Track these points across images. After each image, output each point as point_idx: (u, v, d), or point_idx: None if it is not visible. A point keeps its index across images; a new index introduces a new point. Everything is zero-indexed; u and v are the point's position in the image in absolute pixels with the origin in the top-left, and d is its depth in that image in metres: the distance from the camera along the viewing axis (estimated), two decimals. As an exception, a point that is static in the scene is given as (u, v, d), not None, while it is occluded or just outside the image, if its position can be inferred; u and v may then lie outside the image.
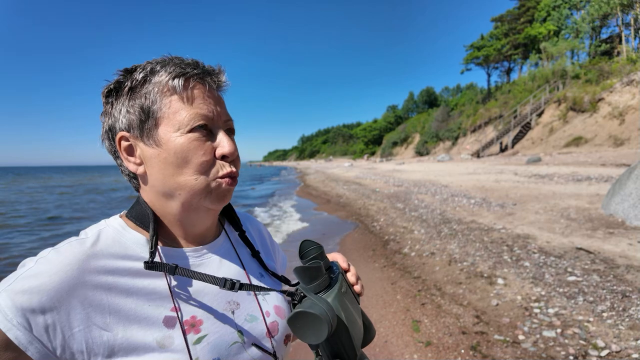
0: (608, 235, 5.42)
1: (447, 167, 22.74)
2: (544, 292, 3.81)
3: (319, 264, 0.57)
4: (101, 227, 0.63)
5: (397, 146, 60.13)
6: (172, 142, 0.61)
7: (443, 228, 7.05)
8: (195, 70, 0.63)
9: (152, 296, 0.59)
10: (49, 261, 0.54)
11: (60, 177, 61.43)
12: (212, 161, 0.63)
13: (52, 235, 9.84)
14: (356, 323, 0.58)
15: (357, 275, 0.71)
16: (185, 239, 0.68)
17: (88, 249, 0.57)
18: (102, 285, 0.55)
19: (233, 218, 0.79)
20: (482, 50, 41.37)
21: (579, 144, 20.95)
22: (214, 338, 0.61)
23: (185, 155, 0.60)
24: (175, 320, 0.59)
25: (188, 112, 0.61)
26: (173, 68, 0.63)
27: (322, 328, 0.49)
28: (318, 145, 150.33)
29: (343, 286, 0.59)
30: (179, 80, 0.62)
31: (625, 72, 22.80)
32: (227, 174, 0.64)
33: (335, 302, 0.54)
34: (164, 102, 0.62)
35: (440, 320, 3.48)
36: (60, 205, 17.42)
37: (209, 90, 0.65)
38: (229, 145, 0.63)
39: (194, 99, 0.62)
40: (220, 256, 0.71)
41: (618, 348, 2.76)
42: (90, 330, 0.53)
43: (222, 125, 0.66)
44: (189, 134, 0.61)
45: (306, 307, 0.50)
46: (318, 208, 12.20)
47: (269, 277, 0.77)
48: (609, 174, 11.05)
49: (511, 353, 2.85)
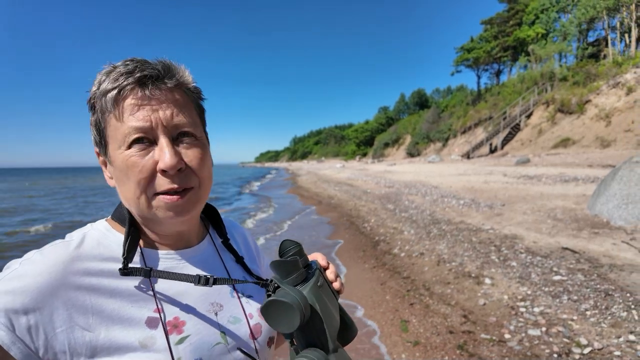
0: (593, 235, 5.52)
1: (438, 168, 22.90)
2: (530, 291, 3.88)
3: (295, 259, 0.58)
4: (86, 230, 0.64)
5: (389, 147, 60.36)
6: (116, 159, 0.60)
7: (432, 229, 7.11)
8: (129, 80, 0.59)
9: (135, 297, 0.59)
10: (34, 263, 0.55)
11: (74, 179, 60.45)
12: (150, 177, 0.59)
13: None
14: (332, 315, 0.58)
15: (337, 273, 0.71)
16: (166, 243, 0.68)
17: (72, 251, 0.58)
18: (85, 286, 0.56)
19: (218, 224, 0.79)
20: (472, 52, 41.77)
21: (567, 145, 21.26)
22: (196, 339, 0.61)
23: (125, 173, 0.60)
24: (157, 321, 0.59)
25: (122, 128, 0.59)
26: (106, 81, 0.60)
27: (294, 316, 0.50)
28: (310, 146, 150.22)
29: (319, 281, 0.60)
30: (111, 95, 0.59)
31: (612, 74, 23.22)
32: (166, 191, 0.60)
33: (309, 294, 0.55)
34: (105, 120, 0.61)
35: (429, 320, 3.52)
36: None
37: (148, 97, 0.60)
38: (169, 157, 0.58)
39: (128, 112, 0.59)
40: (204, 260, 0.71)
41: (600, 345, 2.82)
42: (73, 330, 0.54)
43: (167, 131, 0.61)
44: (127, 151, 0.59)
45: (279, 296, 0.51)
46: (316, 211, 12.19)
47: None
48: (595, 175, 11.23)
49: (497, 351, 2.90)
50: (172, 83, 0.62)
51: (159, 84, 0.61)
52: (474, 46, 42.18)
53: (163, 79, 0.61)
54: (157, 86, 0.60)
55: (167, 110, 0.60)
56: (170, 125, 0.61)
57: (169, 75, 0.62)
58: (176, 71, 0.63)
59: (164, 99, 0.61)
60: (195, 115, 0.66)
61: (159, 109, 0.60)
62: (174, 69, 0.63)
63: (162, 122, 0.60)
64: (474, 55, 41.22)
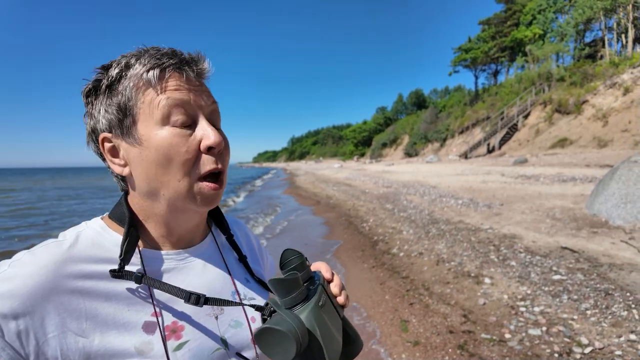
0: (592, 234, 5.52)
1: (436, 168, 22.93)
2: (529, 291, 3.87)
3: (295, 276, 0.54)
4: (80, 229, 0.60)
5: (387, 147, 60.52)
6: (152, 138, 0.58)
7: (431, 228, 7.10)
8: (172, 60, 0.59)
9: (131, 301, 0.57)
10: (24, 264, 0.52)
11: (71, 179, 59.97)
12: (195, 158, 0.59)
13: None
14: (333, 339, 0.54)
15: (342, 286, 0.66)
16: (169, 241, 0.65)
17: (65, 251, 0.55)
18: (78, 289, 0.53)
19: (221, 221, 0.77)
20: (469, 52, 41.94)
21: (564, 145, 21.34)
22: (195, 344, 0.59)
23: (167, 152, 0.57)
24: (155, 325, 0.57)
25: (166, 103, 0.58)
26: (147, 60, 0.59)
27: (290, 346, 0.46)
28: (308, 146, 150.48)
29: (322, 299, 0.56)
30: (154, 72, 0.58)
31: (608, 75, 23.35)
32: (210, 171, 0.60)
33: (309, 317, 0.51)
34: (139, 97, 0.58)
35: (428, 320, 3.50)
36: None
37: (187, 80, 0.60)
38: (214, 135, 0.59)
39: (171, 90, 0.58)
40: (205, 260, 0.69)
41: (601, 345, 2.81)
42: (65, 336, 0.51)
43: (207, 115, 0.62)
44: (172, 129, 0.58)
45: (274, 323, 0.48)
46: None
47: (254, 283, 0.75)
48: (593, 175, 11.27)
49: (497, 351, 2.88)
50: (204, 72, 0.64)
51: (195, 69, 0.62)
52: (471, 46, 42.35)
53: (198, 65, 0.63)
54: (195, 71, 0.62)
55: (205, 96, 0.63)
56: (208, 110, 0.63)
57: (202, 64, 0.64)
58: (206, 62, 0.65)
59: (200, 85, 0.63)
60: (218, 109, 0.68)
61: (200, 93, 0.62)
62: (205, 59, 0.65)
63: (203, 105, 0.62)
64: (472, 55, 41.39)
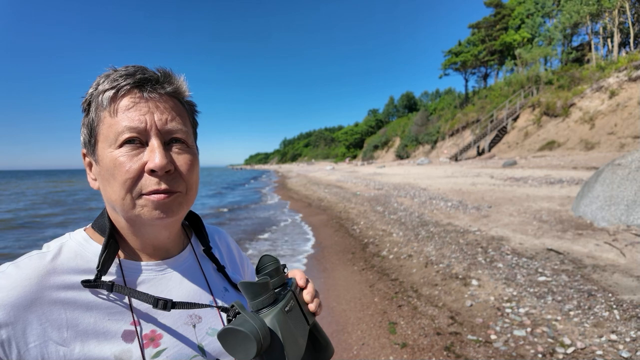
0: (577, 236, 5.62)
1: (426, 170, 23.09)
2: (515, 292, 3.93)
3: (265, 280, 0.56)
4: (64, 240, 0.63)
5: (378, 149, 60.73)
6: (104, 158, 0.60)
7: (421, 231, 7.17)
8: (127, 81, 0.60)
9: (111, 310, 0.59)
10: (8, 276, 0.54)
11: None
12: (137, 177, 0.59)
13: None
14: (295, 343, 0.57)
15: (314, 294, 0.67)
16: (146, 253, 0.67)
17: (48, 263, 0.57)
18: (60, 300, 0.55)
19: (201, 231, 0.79)
20: (459, 56, 42.30)
21: (552, 147, 21.64)
22: (172, 352, 0.61)
23: (112, 172, 0.59)
24: (134, 334, 0.59)
25: (116, 126, 0.59)
26: (105, 81, 0.61)
27: (251, 346, 0.49)
28: (300, 148, 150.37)
29: (289, 304, 0.59)
30: (109, 94, 0.60)
31: (595, 78, 23.74)
32: (152, 192, 0.59)
33: (272, 320, 0.53)
34: (99, 118, 0.61)
35: (416, 322, 3.54)
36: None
37: (142, 100, 0.60)
38: (160, 158, 0.58)
39: (123, 111, 0.59)
40: (184, 270, 0.71)
41: (583, 345, 2.87)
42: (47, 345, 0.53)
43: (160, 135, 0.61)
44: (117, 150, 0.59)
45: (236, 324, 0.50)
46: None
47: (233, 292, 0.77)
48: (580, 177, 11.46)
49: (483, 352, 2.93)
50: (170, 89, 0.63)
51: (158, 87, 0.62)
52: (461, 50, 42.72)
53: (162, 83, 0.63)
54: (155, 90, 0.62)
55: (162, 114, 0.61)
56: (164, 129, 0.61)
57: (168, 82, 0.63)
58: (175, 79, 0.65)
59: (161, 103, 0.62)
60: (189, 125, 0.67)
61: (155, 112, 0.61)
62: (173, 77, 0.64)
63: (155, 125, 0.60)
64: (462, 58, 41.75)
